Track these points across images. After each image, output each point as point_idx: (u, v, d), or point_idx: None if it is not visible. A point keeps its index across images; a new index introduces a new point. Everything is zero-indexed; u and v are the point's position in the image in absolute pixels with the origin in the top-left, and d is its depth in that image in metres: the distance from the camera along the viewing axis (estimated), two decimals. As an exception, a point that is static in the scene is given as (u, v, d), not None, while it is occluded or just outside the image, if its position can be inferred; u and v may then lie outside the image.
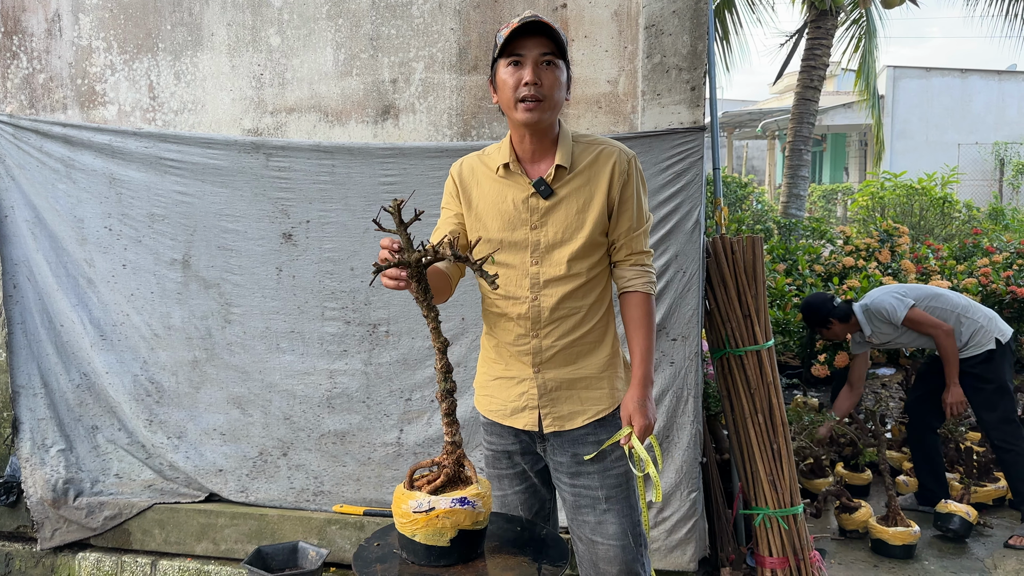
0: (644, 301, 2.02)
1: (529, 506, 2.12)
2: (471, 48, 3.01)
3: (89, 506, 3.14)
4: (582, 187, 1.95)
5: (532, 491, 2.12)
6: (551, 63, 1.85)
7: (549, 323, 1.97)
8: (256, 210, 3.11)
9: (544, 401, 2.00)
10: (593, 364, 2.02)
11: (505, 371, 2.05)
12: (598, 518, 2.01)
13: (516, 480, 2.11)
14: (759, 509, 3.07)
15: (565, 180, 1.94)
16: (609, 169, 1.95)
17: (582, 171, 1.95)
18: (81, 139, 3.16)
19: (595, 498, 2.00)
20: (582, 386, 2.01)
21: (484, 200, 1.99)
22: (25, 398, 3.24)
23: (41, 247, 3.24)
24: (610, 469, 2.01)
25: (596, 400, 2.02)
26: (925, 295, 4.05)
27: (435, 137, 3.07)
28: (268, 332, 3.16)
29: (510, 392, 2.03)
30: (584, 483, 2.01)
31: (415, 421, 3.14)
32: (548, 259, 1.96)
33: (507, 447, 2.09)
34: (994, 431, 3.95)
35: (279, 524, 3.10)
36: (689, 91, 2.83)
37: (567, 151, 1.94)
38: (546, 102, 1.86)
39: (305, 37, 3.09)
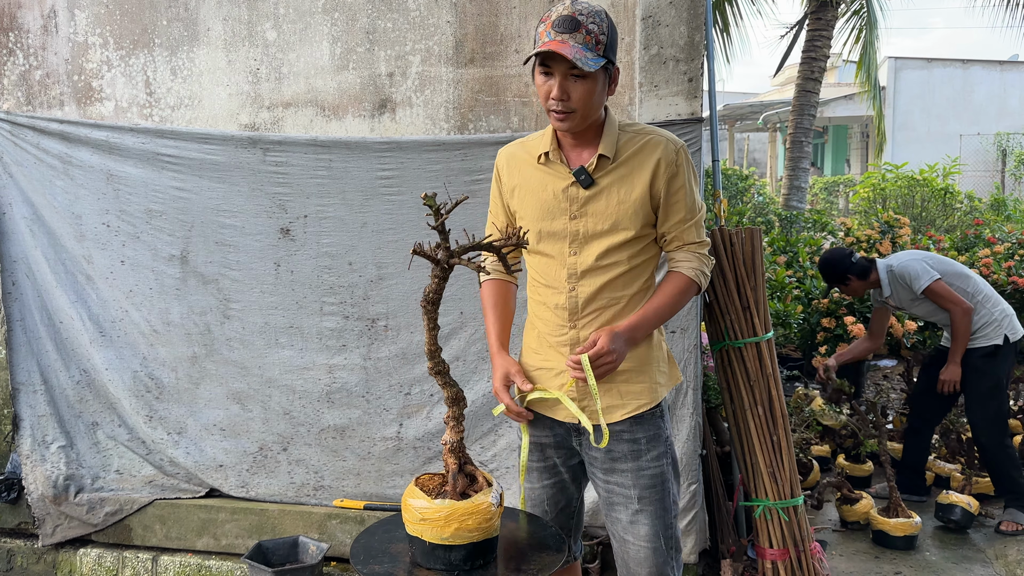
0: (682, 281, 1.96)
1: (555, 502, 2.10)
2: (468, 41, 3.00)
3: (90, 502, 3.15)
4: (625, 177, 1.91)
5: (560, 487, 2.10)
6: (580, 76, 1.79)
7: (587, 314, 1.95)
8: (253, 205, 3.11)
9: (583, 393, 1.97)
10: (633, 357, 1.95)
11: (544, 362, 2.01)
12: (630, 518, 1.98)
13: (546, 474, 2.09)
14: (759, 501, 3.06)
15: (607, 170, 1.91)
16: (655, 160, 1.90)
17: (625, 160, 1.91)
18: (78, 135, 3.16)
19: (628, 497, 1.97)
20: (621, 379, 1.96)
21: (524, 188, 1.99)
22: (25, 395, 3.25)
23: (39, 244, 3.23)
24: (644, 469, 1.97)
25: (636, 394, 1.97)
26: (953, 272, 3.96)
27: (432, 131, 3.07)
28: (267, 327, 3.16)
29: (550, 384, 1.99)
30: (617, 480, 1.98)
31: (415, 415, 3.14)
32: (587, 249, 1.93)
33: (540, 440, 2.06)
34: (980, 427, 3.96)
35: (279, 519, 3.10)
36: (686, 82, 2.82)
37: (611, 140, 1.91)
38: (576, 114, 1.84)
39: (301, 31, 3.08)
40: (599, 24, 1.79)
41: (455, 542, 1.69)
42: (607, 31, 1.80)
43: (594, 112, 1.86)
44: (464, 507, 1.69)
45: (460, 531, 1.69)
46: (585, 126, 1.89)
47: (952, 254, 6.32)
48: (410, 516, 1.72)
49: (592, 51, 1.77)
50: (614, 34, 1.84)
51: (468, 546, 1.70)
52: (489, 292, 2.10)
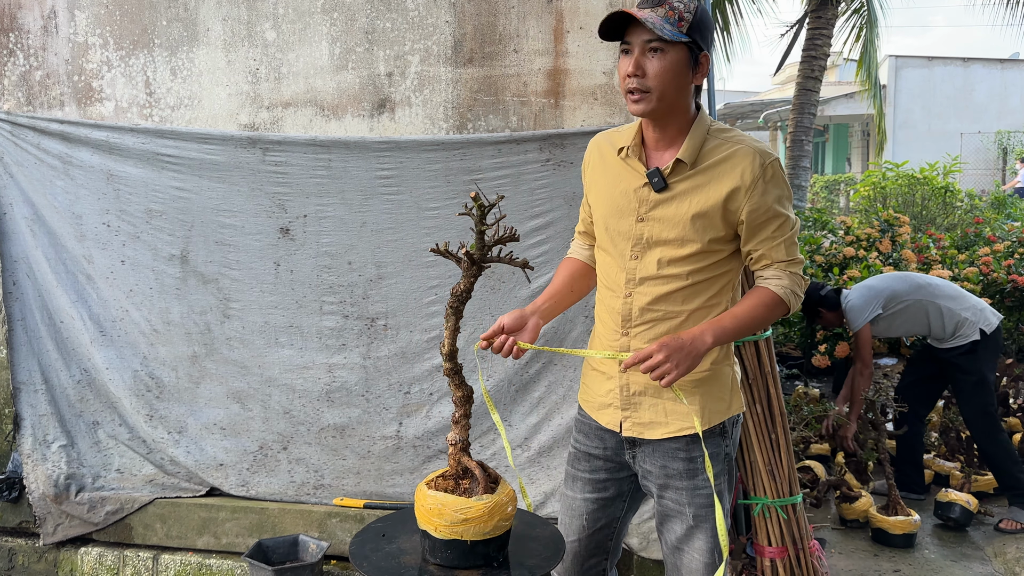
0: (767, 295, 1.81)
1: (594, 519, 2.02)
2: (466, 41, 3.00)
3: (91, 501, 3.16)
4: (702, 186, 1.79)
5: (603, 504, 2.01)
6: (658, 50, 1.70)
7: (640, 323, 1.87)
8: (253, 205, 3.12)
9: (626, 403, 1.91)
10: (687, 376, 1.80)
11: (599, 364, 1.97)
12: (684, 532, 1.93)
13: (589, 487, 2.01)
14: (758, 499, 3.07)
15: (684, 175, 1.80)
16: (739, 172, 1.77)
17: (706, 169, 1.79)
18: (78, 136, 3.17)
19: (683, 514, 1.91)
20: (669, 396, 1.86)
21: (603, 180, 1.94)
22: (26, 394, 3.26)
23: (40, 244, 3.24)
24: (700, 488, 1.88)
25: (682, 415, 1.86)
26: (907, 288, 4.04)
27: (431, 131, 3.07)
28: (267, 327, 3.17)
29: (601, 387, 1.96)
30: (672, 497, 1.91)
31: (414, 414, 3.15)
32: (648, 255, 1.85)
33: (591, 449, 2.00)
34: (972, 423, 4.00)
35: (280, 517, 3.11)
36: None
37: (695, 145, 1.79)
38: (652, 94, 1.72)
39: (300, 31, 3.09)
40: (686, 3, 1.71)
41: (494, 534, 1.72)
42: (695, 11, 1.71)
43: (674, 97, 1.74)
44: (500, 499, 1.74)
45: (500, 523, 1.72)
46: (665, 114, 1.77)
47: (952, 252, 6.32)
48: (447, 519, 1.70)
49: (674, 25, 1.68)
50: (706, 19, 1.73)
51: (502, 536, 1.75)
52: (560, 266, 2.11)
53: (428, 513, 1.73)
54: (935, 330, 3.96)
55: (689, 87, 1.77)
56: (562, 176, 2.94)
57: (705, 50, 1.75)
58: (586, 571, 2.08)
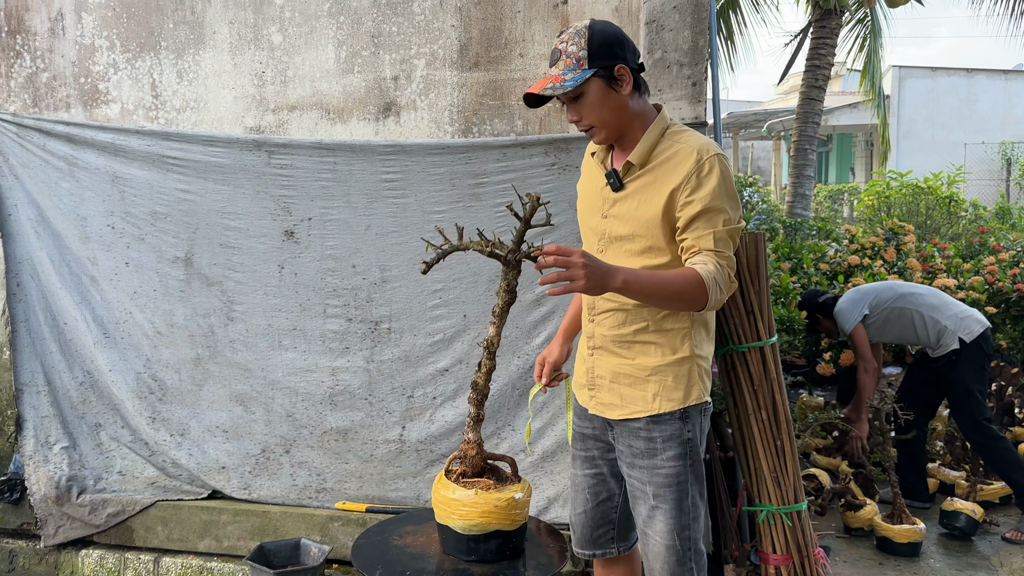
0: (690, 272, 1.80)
1: (595, 492, 2.16)
2: (472, 45, 3.01)
3: (92, 503, 3.15)
4: (649, 185, 1.91)
5: (600, 479, 2.15)
6: (577, 96, 1.87)
7: (601, 312, 2.03)
8: (258, 208, 3.12)
9: (591, 384, 2.08)
10: (643, 364, 1.98)
11: (581, 348, 2.16)
12: (648, 513, 2.02)
13: (587, 464, 2.17)
14: (763, 506, 3.05)
15: (636, 175, 1.94)
16: (682, 171, 1.86)
17: (654, 168, 1.91)
18: (84, 138, 3.17)
19: (644, 492, 2.02)
20: (625, 382, 2.01)
21: (584, 180, 2.13)
22: (29, 396, 3.25)
23: (44, 245, 3.25)
24: (659, 468, 1.99)
25: (634, 400, 2.00)
26: (891, 296, 4.10)
27: (436, 134, 3.07)
28: (270, 329, 3.17)
29: (580, 367, 2.16)
30: (636, 476, 2.02)
31: (417, 418, 3.14)
32: (610, 249, 1.99)
33: (583, 429, 2.16)
34: (966, 434, 4.03)
35: (282, 521, 3.10)
36: (690, 87, 2.83)
37: (646, 147, 1.92)
38: (597, 127, 1.91)
39: (307, 35, 3.10)
40: (576, 42, 1.85)
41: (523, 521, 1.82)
42: (588, 43, 1.84)
43: (615, 118, 1.89)
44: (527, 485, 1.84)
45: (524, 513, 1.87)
46: (620, 131, 1.93)
47: (957, 261, 6.30)
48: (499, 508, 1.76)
49: (573, 70, 1.83)
50: (604, 37, 1.85)
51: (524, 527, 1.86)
52: None
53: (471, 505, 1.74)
54: (922, 338, 4.02)
55: (623, 101, 1.89)
56: (567, 180, 2.94)
57: (617, 63, 1.85)
58: (595, 539, 2.21)
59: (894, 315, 4.06)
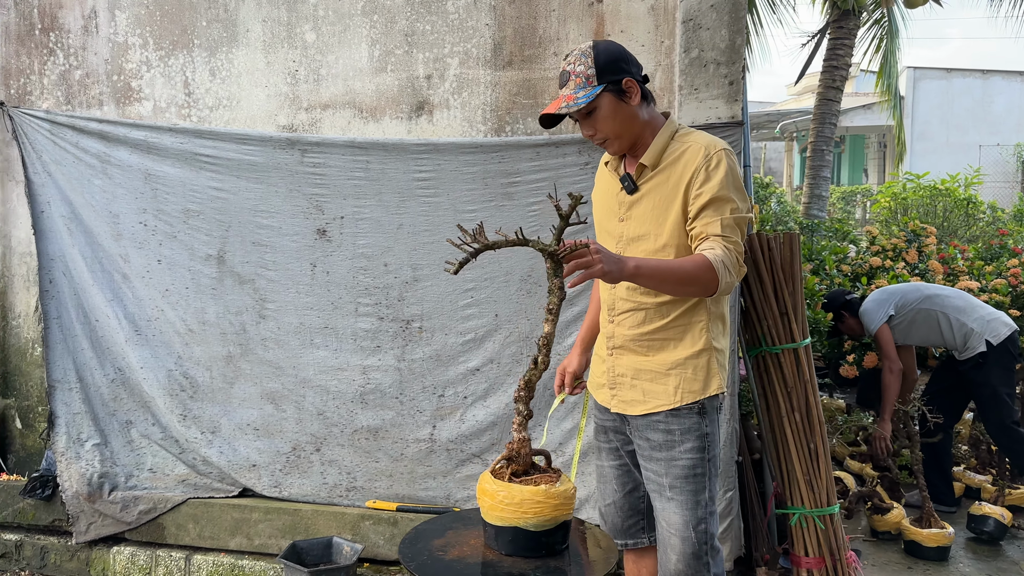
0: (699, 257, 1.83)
1: (622, 483, 2.23)
2: (506, 43, 3.00)
3: (124, 500, 3.16)
4: (662, 184, 1.99)
5: (625, 470, 2.22)
6: (589, 112, 1.96)
7: (621, 312, 2.08)
8: (291, 206, 3.12)
9: (612, 383, 2.13)
10: (663, 360, 2.04)
11: (599, 349, 2.21)
12: (663, 504, 2.07)
13: (611, 455, 2.24)
14: (795, 509, 3.03)
15: (648, 177, 2.02)
16: (691, 167, 1.94)
17: (664, 169, 2.00)
18: (117, 135, 3.18)
19: (660, 484, 2.07)
20: (647, 378, 2.06)
21: (599, 188, 2.20)
22: (61, 392, 3.26)
23: (77, 242, 3.26)
24: (676, 460, 2.03)
25: (656, 394, 2.05)
26: (916, 297, 4.09)
27: (469, 133, 3.07)
28: (302, 328, 3.17)
29: (598, 368, 2.21)
30: (653, 468, 2.06)
31: (448, 417, 3.14)
32: (628, 251, 2.05)
33: (604, 422, 2.23)
34: (994, 437, 4.00)
35: (313, 519, 3.10)
36: (727, 86, 2.81)
37: (656, 149, 2.00)
38: (611, 138, 2.00)
39: (340, 33, 3.10)
40: (584, 61, 1.94)
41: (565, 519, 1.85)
42: (595, 60, 1.93)
43: (627, 129, 1.98)
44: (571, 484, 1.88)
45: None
46: (632, 140, 2.02)
47: (979, 264, 6.25)
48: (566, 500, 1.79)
49: (584, 88, 1.93)
50: (609, 54, 1.95)
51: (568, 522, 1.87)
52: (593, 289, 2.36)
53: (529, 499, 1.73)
54: (948, 341, 4.00)
55: (633, 112, 1.98)
56: (602, 180, 2.92)
57: (624, 77, 1.94)
58: (627, 529, 2.27)
59: (920, 317, 4.04)
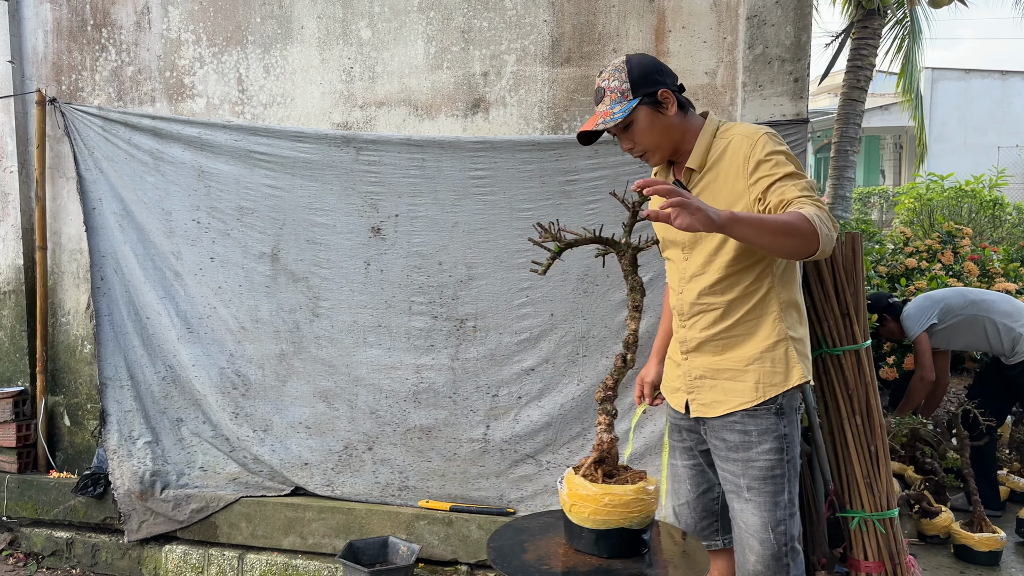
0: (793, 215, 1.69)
1: (696, 483, 2.20)
2: (564, 40, 2.97)
3: (175, 498, 3.14)
4: (713, 181, 1.98)
5: (699, 469, 2.19)
6: (627, 126, 1.95)
7: (691, 315, 2.07)
8: (345, 204, 3.10)
9: (690, 386, 2.10)
10: (739, 357, 2.02)
11: (672, 353, 2.20)
12: (740, 506, 2.04)
13: (685, 455, 2.21)
14: (855, 512, 2.99)
15: (698, 179, 2.01)
16: (739, 157, 1.93)
17: (712, 166, 1.99)
18: (170, 132, 3.17)
19: (738, 486, 2.04)
20: (726, 377, 2.03)
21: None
22: (112, 390, 3.25)
23: (128, 239, 3.25)
24: (754, 461, 2.01)
25: (738, 392, 2.02)
26: (961, 303, 4.07)
27: (525, 131, 3.04)
28: (355, 326, 3.15)
29: (672, 373, 2.19)
30: (730, 469, 2.03)
31: (502, 417, 3.11)
32: (694, 254, 2.04)
33: (677, 421, 2.21)
34: None
35: (367, 519, 3.07)
36: (792, 83, 2.77)
37: (700, 151, 1.99)
38: (651, 150, 1.99)
39: (396, 30, 3.07)
40: (618, 76, 1.94)
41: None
42: (629, 75, 1.93)
43: (665, 139, 1.97)
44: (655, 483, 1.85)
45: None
46: (672, 149, 2.01)
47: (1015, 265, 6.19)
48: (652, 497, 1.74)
49: (620, 103, 1.93)
50: (642, 69, 1.94)
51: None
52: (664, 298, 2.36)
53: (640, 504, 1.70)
54: (995, 346, 3.97)
55: (670, 122, 1.97)
56: (662, 178, 2.90)
57: (658, 88, 1.94)
58: (701, 530, 2.25)
59: (965, 323, 4.01)
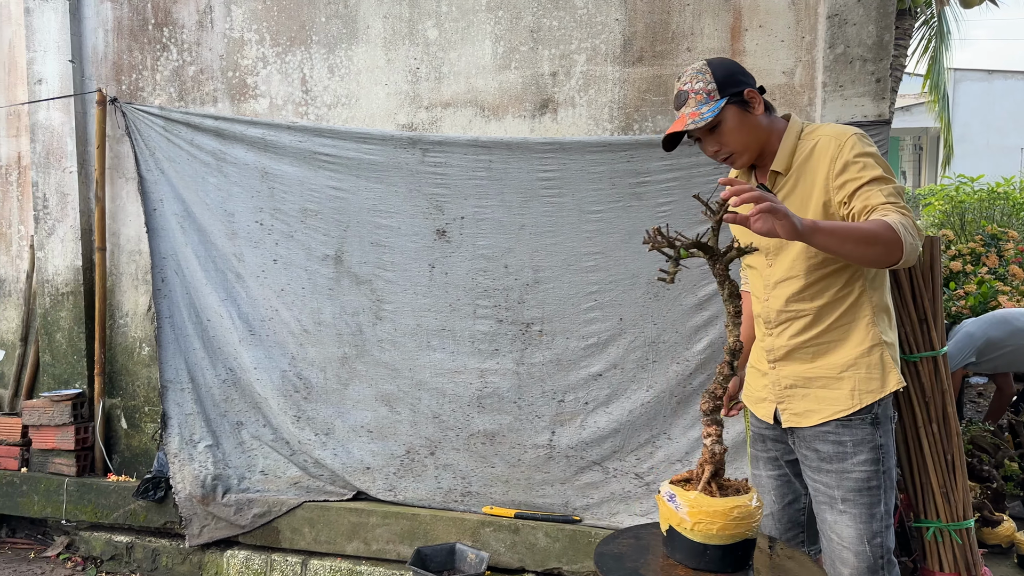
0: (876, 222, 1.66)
1: (781, 494, 2.14)
2: (636, 39, 2.92)
3: (237, 503, 3.11)
4: (798, 186, 1.92)
5: (785, 480, 2.13)
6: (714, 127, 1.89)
7: (778, 323, 2.00)
8: (410, 206, 3.06)
9: (780, 396, 2.02)
10: (832, 364, 1.94)
11: (756, 362, 2.11)
12: (834, 517, 1.98)
13: (770, 465, 2.15)
14: (930, 522, 2.93)
15: (783, 182, 1.94)
16: (826, 159, 1.86)
17: (798, 169, 1.92)
18: (233, 132, 3.14)
19: (832, 497, 1.97)
20: (819, 384, 1.96)
21: None
22: (173, 393, 3.22)
23: (190, 241, 3.22)
24: (849, 472, 1.94)
25: (833, 400, 1.94)
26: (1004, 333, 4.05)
27: (594, 131, 2.99)
28: (419, 329, 3.11)
29: (757, 382, 2.10)
30: (823, 480, 1.97)
31: (568, 423, 3.06)
32: (778, 261, 1.97)
33: (762, 431, 2.14)
34: None
35: (431, 525, 3.03)
36: (874, 83, 2.71)
37: (785, 154, 1.93)
38: (738, 152, 1.93)
39: (463, 30, 3.03)
40: (702, 77, 1.89)
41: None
42: (714, 76, 1.89)
43: (753, 140, 1.92)
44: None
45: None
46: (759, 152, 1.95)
47: (1060, 269, 6.09)
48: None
49: (707, 103, 1.88)
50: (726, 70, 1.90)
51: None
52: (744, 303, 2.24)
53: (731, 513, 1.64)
54: None
55: (757, 122, 1.91)
56: (737, 180, 2.84)
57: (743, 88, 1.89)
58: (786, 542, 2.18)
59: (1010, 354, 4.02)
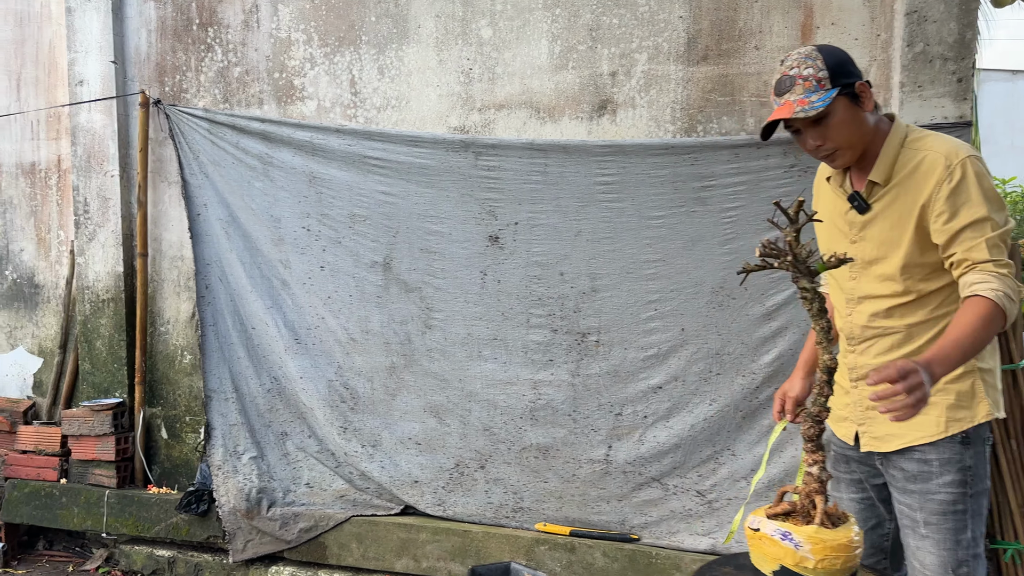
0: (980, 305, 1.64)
1: (864, 518, 2.01)
2: (701, 37, 2.81)
3: (283, 517, 3.02)
4: (896, 202, 1.80)
5: (869, 503, 2.02)
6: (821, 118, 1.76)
7: (863, 340, 1.90)
8: (462, 211, 2.96)
9: (861, 418, 1.92)
10: None
11: (840, 378, 1.98)
12: (917, 543, 1.86)
13: (852, 487, 2.03)
14: (1007, 544, 2.79)
15: (882, 193, 1.83)
16: (930, 182, 1.74)
17: (900, 182, 1.80)
18: (280, 135, 3.05)
19: (914, 520, 1.86)
20: None
21: (822, 205, 1.99)
22: (217, 402, 3.14)
23: (234, 247, 3.13)
24: (933, 493, 1.82)
25: (917, 425, 1.80)
26: None
27: (655, 133, 2.88)
28: (470, 339, 3.00)
29: (840, 400, 1.99)
30: (906, 502, 1.87)
31: (625, 438, 2.94)
32: (865, 275, 1.87)
33: (845, 451, 2.02)
34: None
35: (483, 542, 2.93)
36: (955, 83, 2.59)
37: (886, 163, 1.81)
38: (841, 149, 1.80)
39: (519, 29, 2.93)
40: (813, 63, 1.77)
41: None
42: (826, 63, 1.77)
43: (859, 138, 1.80)
44: None
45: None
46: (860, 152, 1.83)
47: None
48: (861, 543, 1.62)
49: (817, 91, 1.75)
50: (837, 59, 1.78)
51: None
52: None
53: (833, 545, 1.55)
54: None
55: (864, 119, 1.80)
56: (808, 183, 2.69)
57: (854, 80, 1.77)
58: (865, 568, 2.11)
59: None
